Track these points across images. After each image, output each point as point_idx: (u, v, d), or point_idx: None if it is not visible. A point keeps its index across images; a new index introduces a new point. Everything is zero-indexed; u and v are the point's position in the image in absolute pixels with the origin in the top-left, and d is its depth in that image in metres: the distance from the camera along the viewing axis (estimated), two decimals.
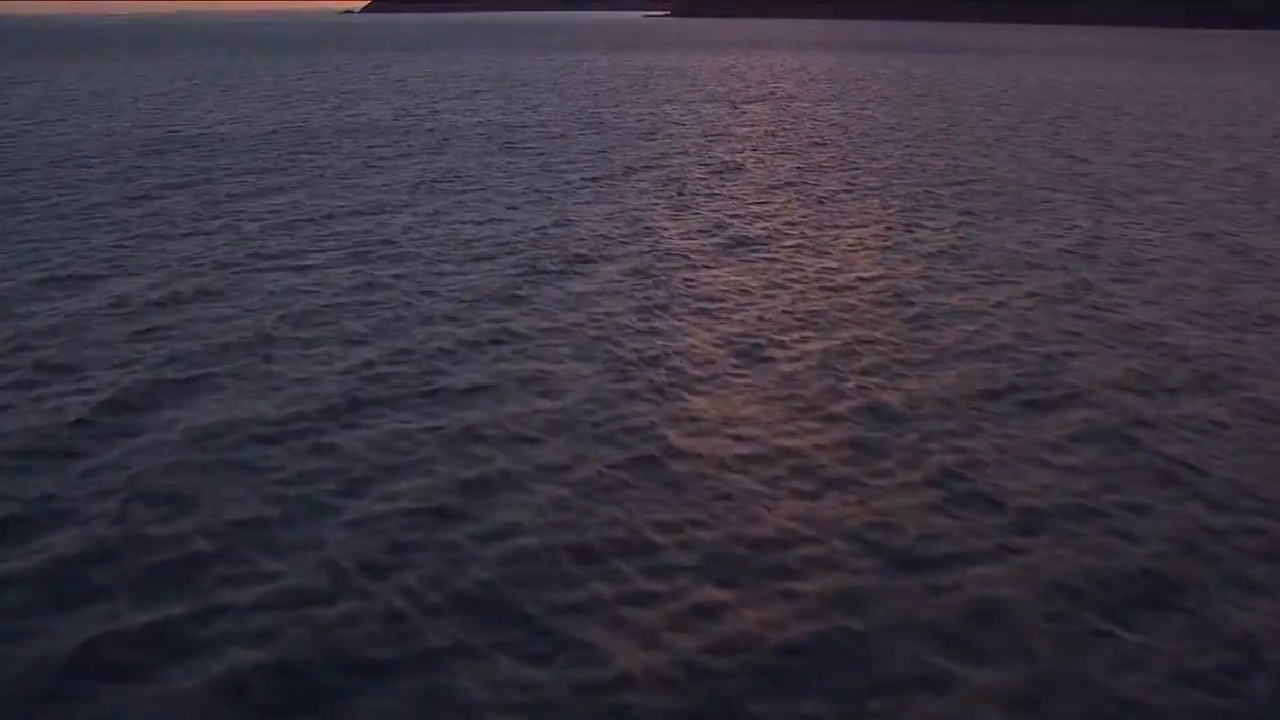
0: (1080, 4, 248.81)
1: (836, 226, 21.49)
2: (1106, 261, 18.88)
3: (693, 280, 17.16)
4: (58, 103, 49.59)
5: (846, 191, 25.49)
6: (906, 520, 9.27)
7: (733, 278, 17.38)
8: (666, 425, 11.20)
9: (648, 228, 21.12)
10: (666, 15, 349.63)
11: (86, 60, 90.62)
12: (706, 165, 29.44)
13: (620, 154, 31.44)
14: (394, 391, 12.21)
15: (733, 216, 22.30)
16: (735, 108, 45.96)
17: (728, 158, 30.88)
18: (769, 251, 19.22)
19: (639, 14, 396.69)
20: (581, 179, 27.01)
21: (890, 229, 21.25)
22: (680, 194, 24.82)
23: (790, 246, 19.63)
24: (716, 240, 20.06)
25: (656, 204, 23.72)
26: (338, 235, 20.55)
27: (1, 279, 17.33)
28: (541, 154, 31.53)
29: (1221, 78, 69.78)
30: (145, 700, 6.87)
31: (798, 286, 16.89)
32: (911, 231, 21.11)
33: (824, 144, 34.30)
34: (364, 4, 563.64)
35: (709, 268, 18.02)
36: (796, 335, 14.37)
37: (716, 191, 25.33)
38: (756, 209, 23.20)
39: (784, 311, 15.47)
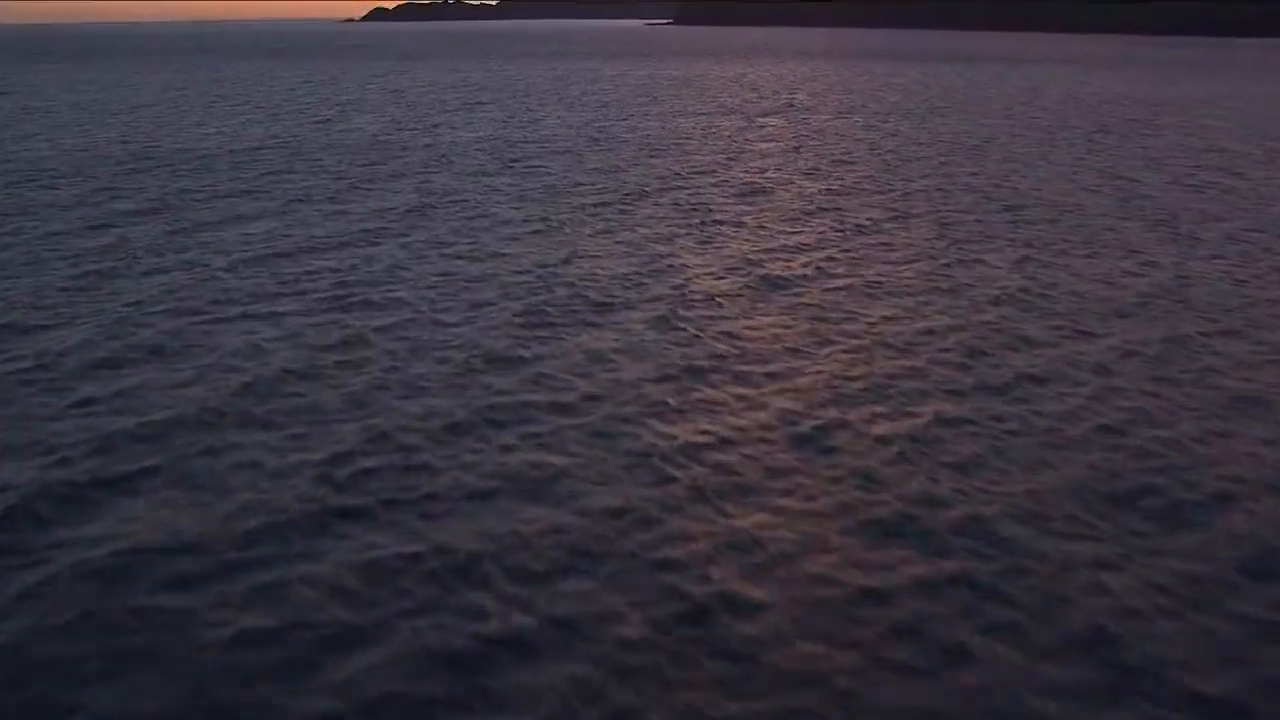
0: (1083, 10, 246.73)
1: (884, 263, 18.95)
2: (1203, 308, 16.32)
3: (730, 335, 14.59)
4: (35, 115, 47.15)
5: (888, 219, 22.94)
6: None
7: (775, 330, 14.82)
8: (721, 559, 8.63)
9: (670, 265, 18.58)
10: (669, 24, 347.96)
11: (75, 68, 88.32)
12: (728, 187, 26.91)
13: (632, 174, 28.92)
14: (366, 499, 9.64)
15: (765, 251, 19.75)
16: (751, 121, 43.46)
17: (750, 178, 28.35)
18: (812, 296, 16.67)
19: (641, 22, 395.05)
20: (591, 204, 24.48)
21: (946, 266, 18.71)
22: (703, 223, 22.28)
23: (836, 289, 17.07)
24: (750, 281, 17.51)
25: (677, 234, 21.19)
26: (316, 274, 18.00)
27: None
28: (547, 174, 29.02)
29: (1250, 87, 67.31)
30: None
31: (853, 342, 14.33)
32: (970, 268, 18.56)
33: (851, 161, 31.78)
34: (366, 11, 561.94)
35: (746, 317, 15.47)
36: (865, 412, 11.80)
37: (742, 219, 22.79)
38: (789, 241, 20.66)
39: (843, 377, 12.91)
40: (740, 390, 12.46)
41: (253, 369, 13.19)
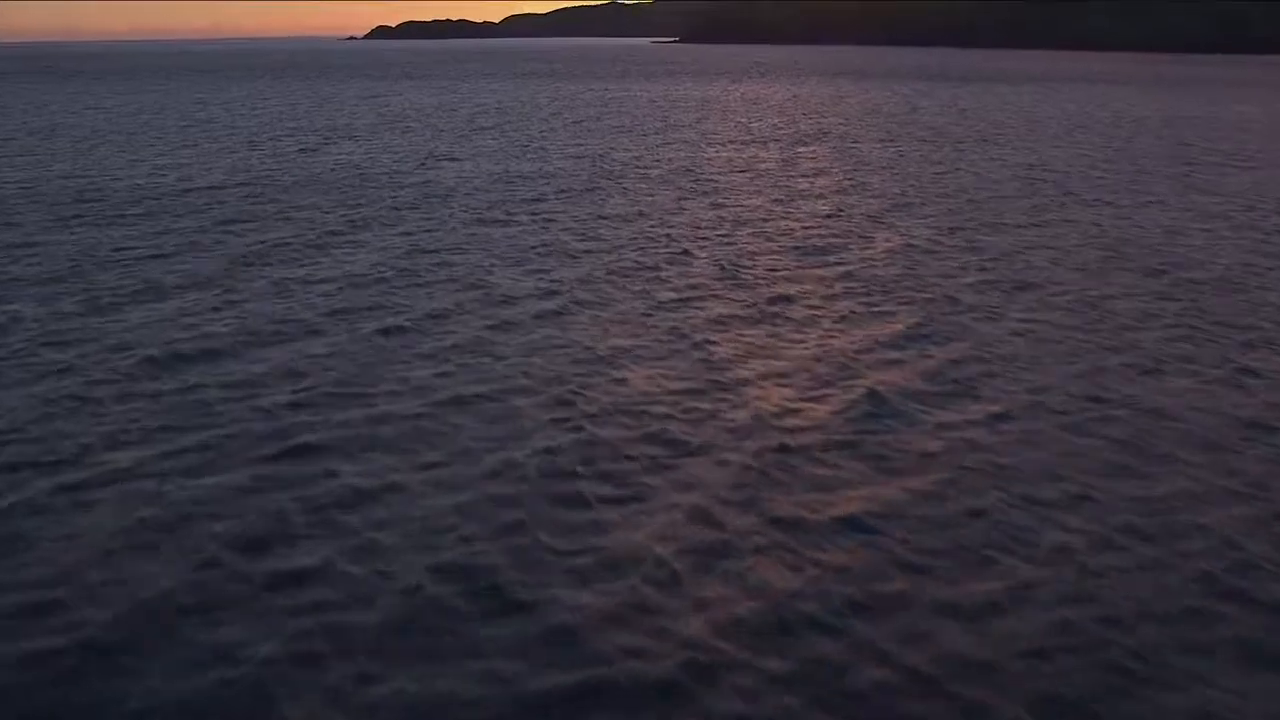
0: (1097, 26, 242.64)
1: (1035, 370, 13.72)
2: None
3: (879, 536, 9.34)
4: None
5: (1008, 294, 17.72)
6: None
7: (937, 517, 9.57)
8: None
9: (743, 377, 13.32)
10: (676, 41, 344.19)
11: (55, 87, 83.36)
12: (783, 243, 21.72)
13: (663, 224, 23.72)
14: None
15: (863, 350, 14.51)
16: (788, 151, 38.29)
17: (806, 230, 23.16)
18: (967, 436, 11.41)
19: (647, 40, 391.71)
20: (619, 268, 19.27)
21: (1129, 377, 13.45)
22: (769, 301, 17.05)
23: (994, 421, 11.82)
24: (863, 406, 12.26)
25: (738, 318, 15.98)
26: (242, 391, 12.76)
27: None
28: (558, 223, 23.83)
29: None
30: None
31: (1071, 538, 9.10)
32: (1167, 381, 13.32)
33: (920, 204, 26.63)
34: (368, 30, 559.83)
35: (882, 480, 10.23)
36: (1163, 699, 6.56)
37: (815, 295, 17.57)
38: (889, 330, 15.45)
39: (1100, 624, 7.68)
40: (931, 635, 7.20)
41: (86, 608, 7.96)
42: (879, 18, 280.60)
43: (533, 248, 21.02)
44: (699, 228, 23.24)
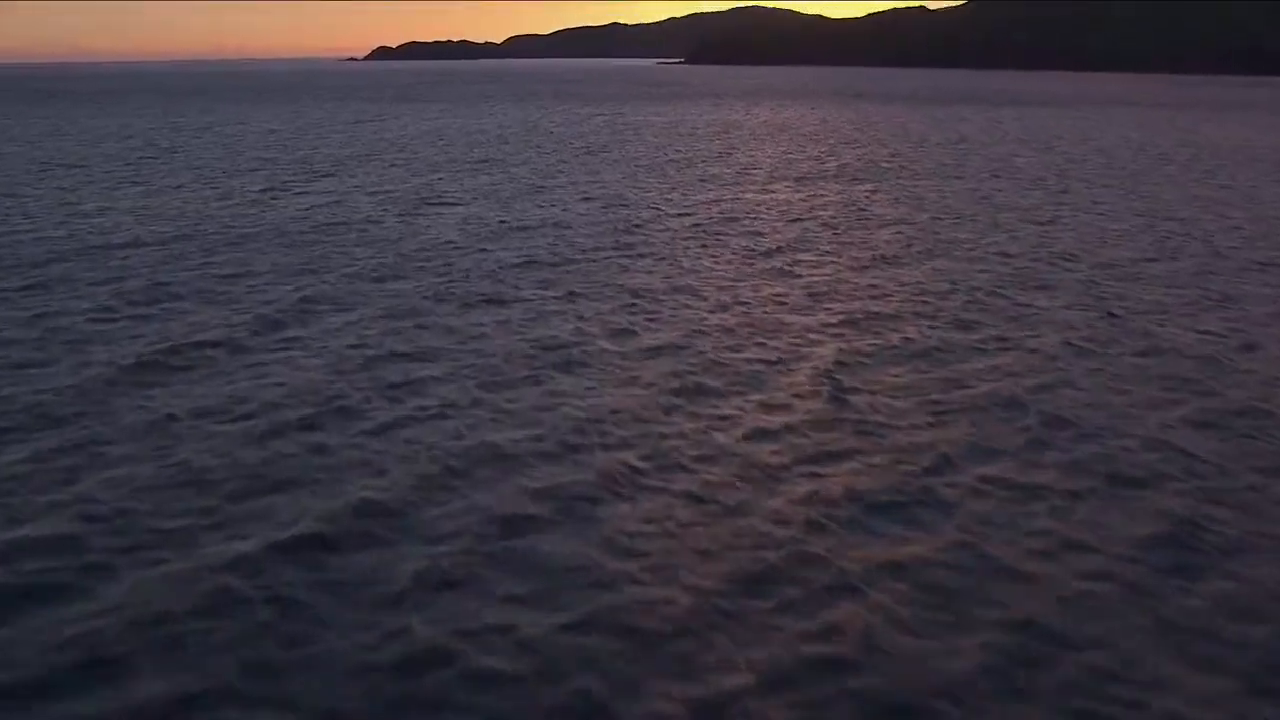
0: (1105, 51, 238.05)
1: None
2: None
3: None
4: None
5: (1270, 444, 11.54)
6: None
7: None
8: None
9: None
10: (681, 62, 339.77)
11: (27, 110, 77.33)
12: (905, 350, 15.50)
13: (726, 309, 17.51)
14: None
15: (1166, 628, 8.32)
16: (846, 190, 32.12)
17: (925, 320, 16.98)
18: None
19: (653, 62, 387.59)
20: (678, 401, 13.03)
21: None
22: (930, 473, 10.80)
23: None
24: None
25: (911, 534, 9.79)
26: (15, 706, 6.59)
27: None
28: (572, 304, 17.66)
29: None
30: None
31: None
32: None
33: (1047, 268, 20.52)
34: (369, 50, 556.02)
35: None
36: None
37: (1011, 460, 11.36)
38: (1164, 544, 9.26)
39: None
40: None
41: None
42: (892, 37, 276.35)
43: (547, 351, 14.82)
44: (773, 311, 17.10)
